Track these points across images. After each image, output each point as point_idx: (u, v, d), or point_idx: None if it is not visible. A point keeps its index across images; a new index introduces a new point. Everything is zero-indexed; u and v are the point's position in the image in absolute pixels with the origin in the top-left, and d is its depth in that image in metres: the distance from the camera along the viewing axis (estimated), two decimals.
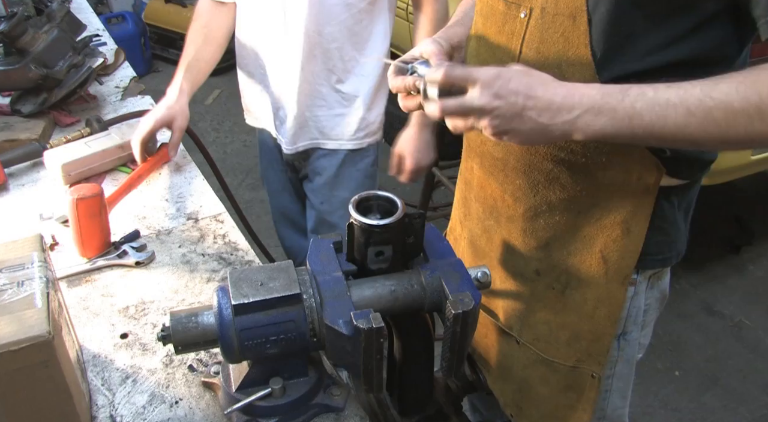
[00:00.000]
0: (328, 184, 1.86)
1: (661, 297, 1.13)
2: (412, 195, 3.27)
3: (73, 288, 1.22)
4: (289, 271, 0.88)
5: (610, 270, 1.03)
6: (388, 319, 0.91)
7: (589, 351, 1.10)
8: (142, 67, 4.78)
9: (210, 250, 1.32)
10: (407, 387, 1.02)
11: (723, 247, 3.14)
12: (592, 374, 1.11)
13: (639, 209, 0.98)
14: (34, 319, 0.80)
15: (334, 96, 1.74)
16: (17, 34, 1.64)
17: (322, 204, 1.90)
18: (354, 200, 0.87)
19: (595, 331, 1.08)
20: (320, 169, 1.85)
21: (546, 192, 1.02)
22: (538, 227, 1.06)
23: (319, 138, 1.81)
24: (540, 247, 1.07)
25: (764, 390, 2.46)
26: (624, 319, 1.08)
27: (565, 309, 1.09)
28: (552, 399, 1.15)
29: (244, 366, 0.92)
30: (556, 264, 1.07)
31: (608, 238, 1.01)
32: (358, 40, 1.68)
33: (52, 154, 1.53)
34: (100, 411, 0.97)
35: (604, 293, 1.05)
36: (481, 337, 1.26)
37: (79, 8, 2.63)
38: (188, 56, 1.75)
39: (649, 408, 2.39)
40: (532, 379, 1.16)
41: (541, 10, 0.91)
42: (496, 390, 1.26)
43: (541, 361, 1.13)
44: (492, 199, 1.12)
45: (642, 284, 1.07)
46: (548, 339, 1.12)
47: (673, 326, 2.67)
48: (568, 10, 0.88)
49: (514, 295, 1.15)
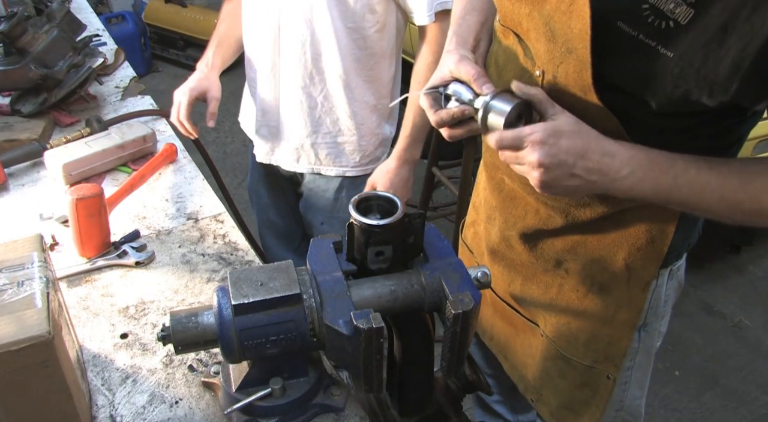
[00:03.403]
0: (329, 207, 1.82)
1: (678, 286, 1.15)
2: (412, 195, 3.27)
3: (73, 288, 1.22)
4: (289, 271, 0.88)
5: (633, 276, 1.05)
6: (388, 319, 0.91)
7: (606, 353, 1.11)
8: (142, 67, 4.78)
9: (210, 250, 1.32)
10: (407, 387, 1.02)
11: (723, 247, 3.14)
12: (607, 375, 1.12)
13: (666, 218, 0.99)
14: (34, 319, 0.80)
15: (336, 124, 1.68)
16: (17, 34, 1.64)
17: (322, 224, 1.86)
18: (354, 200, 0.87)
19: (613, 335, 1.10)
20: (320, 192, 1.81)
21: (577, 212, 1.03)
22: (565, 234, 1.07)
23: (319, 164, 1.75)
24: (566, 250, 1.08)
25: (764, 390, 2.46)
26: (645, 311, 1.09)
27: (586, 312, 1.10)
28: (569, 393, 1.18)
29: (244, 366, 0.91)
30: (581, 268, 1.08)
31: (633, 247, 1.02)
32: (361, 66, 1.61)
33: (52, 154, 1.53)
34: (100, 411, 0.97)
35: (625, 298, 1.07)
36: (505, 324, 1.28)
37: (79, 8, 2.63)
38: (219, 32, 1.78)
39: (649, 408, 2.39)
40: (552, 371, 1.19)
41: (552, 76, 0.89)
42: (515, 376, 1.29)
43: (560, 357, 1.16)
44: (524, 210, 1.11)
45: (663, 276, 1.08)
46: (568, 338, 1.14)
47: (673, 326, 2.65)
48: (577, 85, 0.87)
49: (537, 294, 1.16)
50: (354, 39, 1.56)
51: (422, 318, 0.95)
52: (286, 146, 1.75)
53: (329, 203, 1.82)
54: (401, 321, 0.95)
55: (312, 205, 1.86)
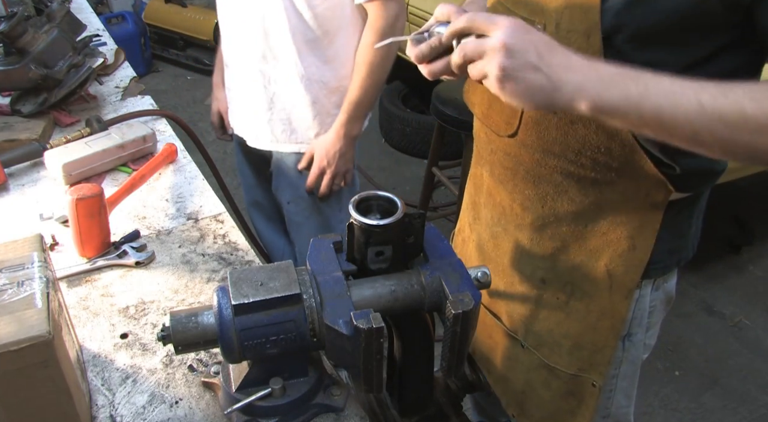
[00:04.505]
0: (294, 185, 1.89)
1: (667, 299, 1.13)
2: (412, 195, 3.27)
3: (73, 288, 1.22)
4: (289, 271, 0.88)
5: (615, 283, 1.04)
6: (388, 319, 0.91)
7: (590, 360, 1.10)
8: (142, 67, 4.78)
9: (210, 250, 1.32)
10: (407, 387, 1.02)
11: (723, 247, 3.14)
12: (592, 383, 1.11)
13: (646, 225, 0.98)
14: (34, 319, 0.80)
15: (291, 100, 1.75)
16: (17, 34, 1.64)
17: (289, 203, 1.94)
18: (354, 200, 0.87)
19: (597, 342, 1.09)
20: (285, 169, 1.89)
21: (554, 203, 1.02)
22: (545, 237, 1.06)
23: (275, 141, 1.83)
24: (546, 257, 1.07)
25: (764, 390, 2.46)
26: (629, 321, 1.09)
27: (568, 318, 1.09)
28: (553, 403, 1.16)
29: (244, 366, 0.92)
30: (561, 274, 1.07)
31: (614, 253, 1.01)
32: (316, 45, 1.68)
33: (52, 154, 1.53)
34: (100, 411, 0.97)
35: (608, 305, 1.06)
36: (485, 337, 1.26)
37: (79, 8, 2.63)
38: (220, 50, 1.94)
39: (649, 408, 2.39)
40: (534, 382, 1.17)
41: (555, 26, 0.89)
42: (498, 390, 1.26)
43: (544, 366, 1.14)
44: (501, 206, 1.12)
45: (647, 287, 1.07)
46: (551, 346, 1.12)
47: (673, 326, 2.67)
48: (583, 27, 0.86)
49: (519, 301, 1.15)
50: (304, 18, 1.63)
51: (422, 318, 0.95)
52: (247, 122, 1.87)
53: (293, 181, 1.87)
54: (401, 321, 0.95)
55: (279, 183, 1.94)
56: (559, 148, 0.96)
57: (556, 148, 0.97)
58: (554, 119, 0.94)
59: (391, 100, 3.90)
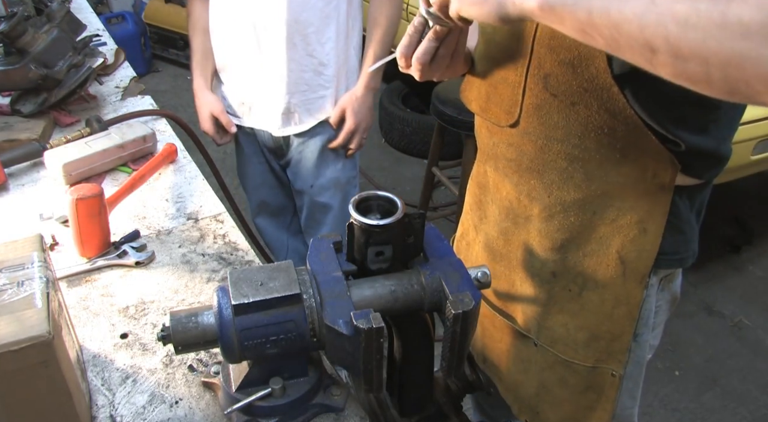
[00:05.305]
0: (315, 166, 1.97)
1: (672, 299, 1.13)
2: (412, 195, 3.27)
3: (73, 288, 1.22)
4: (289, 271, 0.88)
5: (628, 270, 1.03)
6: (388, 319, 0.91)
7: (608, 350, 1.09)
8: (142, 67, 4.79)
9: (210, 250, 1.32)
10: (407, 387, 1.02)
11: (723, 247, 3.14)
12: (612, 372, 1.10)
13: (655, 208, 0.98)
14: (34, 319, 0.80)
15: (317, 79, 1.84)
16: (17, 34, 1.64)
17: (311, 187, 2.01)
18: (354, 200, 0.87)
19: (614, 331, 1.08)
20: (305, 152, 1.96)
21: (560, 192, 1.02)
22: (552, 228, 1.06)
23: (302, 122, 1.90)
24: (556, 249, 1.07)
25: (764, 390, 2.46)
26: (635, 321, 1.08)
27: (582, 310, 1.09)
28: (571, 401, 1.15)
29: (244, 366, 0.92)
30: (572, 265, 1.07)
31: (625, 238, 1.01)
32: (331, 20, 1.78)
33: (52, 154, 1.53)
34: (100, 411, 0.98)
35: (622, 293, 1.05)
36: (495, 343, 1.25)
37: (79, 8, 2.63)
38: (196, 53, 1.96)
39: (649, 408, 2.39)
40: (550, 382, 1.16)
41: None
42: (509, 397, 1.25)
43: (560, 363, 1.13)
44: (507, 200, 1.12)
45: (653, 287, 1.07)
46: (566, 340, 1.12)
47: (673, 326, 2.67)
48: None
49: (531, 298, 1.14)
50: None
51: (422, 318, 0.95)
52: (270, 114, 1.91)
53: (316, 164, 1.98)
54: (401, 321, 0.95)
55: (299, 170, 2.02)
56: (562, 133, 0.96)
57: (558, 133, 0.96)
58: (555, 102, 0.94)
59: (391, 100, 3.90)
